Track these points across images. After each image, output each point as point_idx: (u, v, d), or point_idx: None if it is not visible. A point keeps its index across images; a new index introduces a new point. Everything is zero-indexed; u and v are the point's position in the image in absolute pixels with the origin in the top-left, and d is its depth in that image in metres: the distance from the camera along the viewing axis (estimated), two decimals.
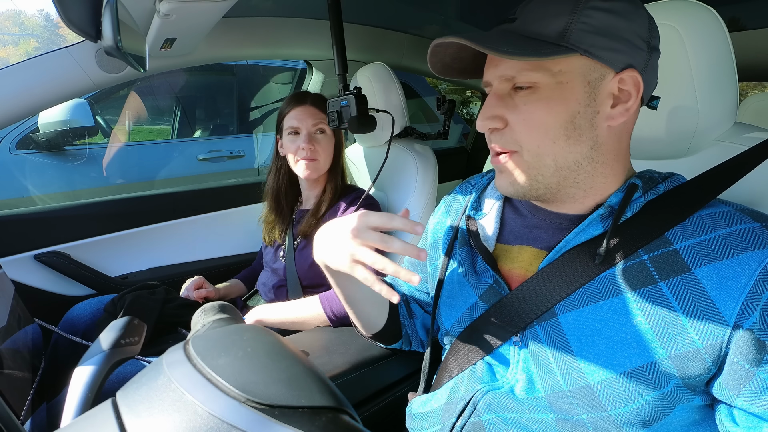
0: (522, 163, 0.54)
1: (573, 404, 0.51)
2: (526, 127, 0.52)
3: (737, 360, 0.45)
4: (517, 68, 0.51)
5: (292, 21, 1.41)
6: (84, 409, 0.42)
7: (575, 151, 0.52)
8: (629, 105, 0.52)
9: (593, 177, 0.54)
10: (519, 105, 0.52)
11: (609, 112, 0.52)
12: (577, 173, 0.54)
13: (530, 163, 0.54)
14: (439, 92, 4.03)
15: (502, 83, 0.54)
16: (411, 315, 0.81)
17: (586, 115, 0.51)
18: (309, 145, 1.12)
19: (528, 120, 0.52)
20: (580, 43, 0.49)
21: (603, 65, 0.50)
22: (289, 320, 1.01)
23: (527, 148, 0.53)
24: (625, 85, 0.51)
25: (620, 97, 0.52)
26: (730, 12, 1.33)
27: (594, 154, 0.53)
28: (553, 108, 0.51)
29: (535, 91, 0.51)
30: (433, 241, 0.75)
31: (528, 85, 0.52)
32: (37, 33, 48.35)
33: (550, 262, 0.56)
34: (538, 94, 0.51)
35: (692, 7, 0.61)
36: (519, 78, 0.52)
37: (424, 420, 0.66)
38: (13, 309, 0.79)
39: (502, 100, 0.54)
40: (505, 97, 0.54)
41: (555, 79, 0.50)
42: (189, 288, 1.22)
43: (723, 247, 0.47)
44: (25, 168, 2.24)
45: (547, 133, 0.52)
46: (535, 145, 0.53)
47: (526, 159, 0.54)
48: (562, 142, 0.52)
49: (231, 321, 0.40)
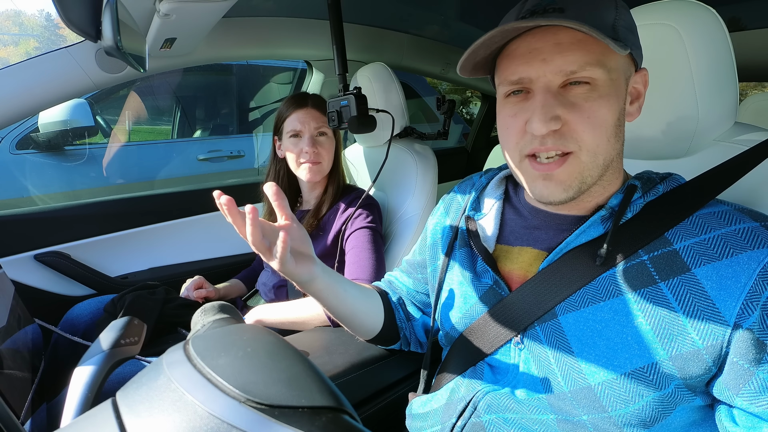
0: (578, 164, 0.51)
1: (574, 405, 0.51)
2: (590, 126, 0.49)
3: (737, 360, 0.45)
4: (580, 62, 0.48)
5: (292, 21, 1.41)
6: (84, 409, 0.42)
7: (617, 148, 0.53)
8: (641, 101, 0.54)
9: (611, 176, 0.55)
10: (580, 102, 0.49)
11: (629, 108, 0.54)
12: (606, 171, 0.53)
13: (586, 163, 0.51)
14: (439, 92, 4.03)
15: (557, 77, 0.49)
16: (409, 318, 0.81)
17: (623, 113, 0.53)
18: (313, 148, 1.12)
19: (592, 118, 0.49)
20: (626, 39, 0.49)
21: (632, 63, 0.52)
22: (289, 320, 1.01)
23: (586, 147, 0.50)
24: (637, 83, 0.53)
25: (634, 93, 0.54)
26: (730, 12, 1.33)
27: (621, 151, 0.54)
28: (612, 105, 0.50)
29: (594, 88, 0.49)
30: (432, 241, 0.75)
31: (587, 81, 0.49)
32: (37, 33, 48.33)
33: (550, 263, 0.56)
34: (597, 91, 0.49)
35: (692, 7, 0.61)
36: (581, 73, 0.48)
37: (424, 420, 0.66)
38: (13, 309, 0.79)
39: (557, 97, 0.50)
40: (558, 95, 0.50)
41: (609, 76, 0.49)
42: (189, 288, 1.22)
43: (722, 247, 0.47)
44: (25, 168, 2.24)
45: (606, 131, 0.50)
46: (595, 144, 0.50)
47: (583, 159, 0.50)
48: (613, 141, 0.51)
49: (231, 321, 0.40)
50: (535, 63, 0.49)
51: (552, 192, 0.52)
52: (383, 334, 0.78)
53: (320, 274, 0.65)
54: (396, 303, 0.81)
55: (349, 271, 1.06)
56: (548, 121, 0.49)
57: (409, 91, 3.09)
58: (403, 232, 1.21)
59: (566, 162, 0.51)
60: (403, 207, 1.23)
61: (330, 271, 0.69)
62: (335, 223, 1.13)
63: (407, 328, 0.81)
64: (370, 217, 1.11)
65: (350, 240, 1.09)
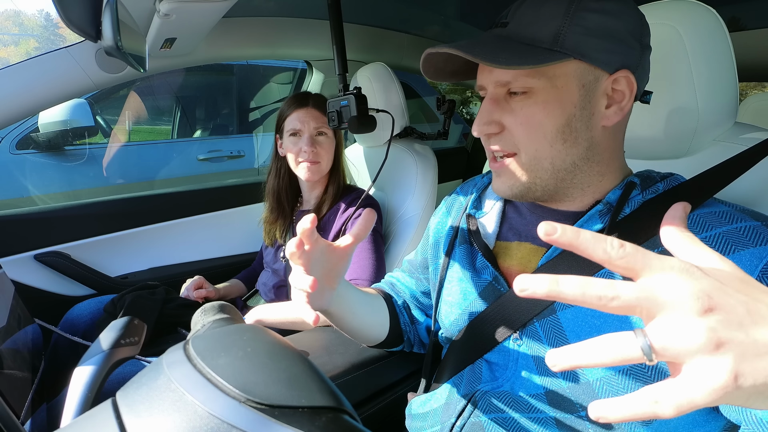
0: (520, 165, 0.55)
1: (572, 402, 0.51)
2: (524, 130, 0.53)
3: None
4: (512, 74, 0.51)
5: (292, 21, 1.41)
6: (84, 409, 0.42)
7: (572, 153, 0.53)
8: (623, 104, 0.52)
9: (590, 176, 0.55)
10: (516, 109, 0.53)
11: (604, 112, 0.52)
12: (574, 174, 0.54)
13: (528, 165, 0.54)
14: (439, 92, 4.03)
15: (498, 88, 0.54)
16: (413, 321, 0.81)
17: (582, 118, 0.52)
18: (311, 147, 1.12)
19: (525, 123, 0.52)
20: (575, 46, 0.49)
21: (597, 68, 0.50)
22: (290, 320, 1.01)
23: (525, 150, 0.53)
24: (618, 85, 0.52)
25: (614, 97, 0.52)
26: (730, 12, 1.33)
27: (590, 155, 0.54)
28: (551, 111, 0.51)
29: (531, 95, 0.52)
30: (434, 241, 0.75)
31: (524, 90, 0.52)
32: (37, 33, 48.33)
33: (549, 259, 0.56)
34: (534, 97, 0.51)
35: (692, 7, 0.61)
36: (515, 84, 0.52)
37: (423, 420, 0.66)
38: (13, 309, 0.79)
39: (498, 104, 0.54)
40: (501, 102, 0.54)
41: (551, 83, 0.50)
42: (189, 288, 1.22)
43: (723, 244, 0.47)
44: (25, 168, 2.24)
45: (545, 136, 0.52)
46: (533, 149, 0.53)
47: (524, 161, 0.54)
48: (560, 145, 0.52)
49: (231, 321, 0.40)
50: (484, 73, 0.55)
51: (499, 187, 0.58)
52: (388, 340, 0.77)
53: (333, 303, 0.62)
54: (401, 307, 0.80)
55: (350, 271, 1.06)
56: (482, 125, 0.55)
57: (409, 91, 3.08)
58: (403, 232, 1.21)
59: (509, 162, 0.55)
60: (403, 207, 1.23)
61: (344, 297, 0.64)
62: (335, 223, 1.13)
63: (411, 332, 0.80)
64: None
65: None
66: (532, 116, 0.52)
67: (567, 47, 0.49)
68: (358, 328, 0.71)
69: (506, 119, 0.53)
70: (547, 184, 0.55)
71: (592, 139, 0.53)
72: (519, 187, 0.56)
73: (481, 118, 0.55)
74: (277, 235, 1.23)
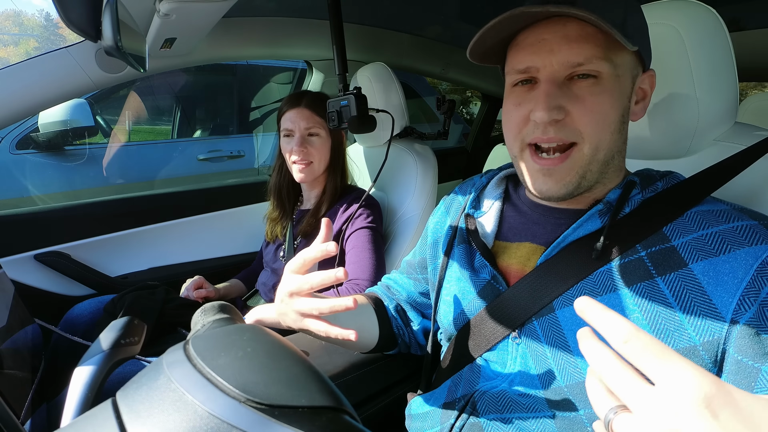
0: (579, 158, 0.52)
1: (570, 400, 0.52)
2: (593, 120, 0.50)
3: (740, 357, 0.44)
4: (586, 55, 0.48)
5: (292, 21, 1.41)
6: (84, 409, 0.42)
7: (618, 145, 0.53)
8: (646, 102, 0.55)
9: (611, 171, 0.55)
10: (584, 95, 0.50)
11: (634, 108, 0.54)
12: (607, 167, 0.54)
13: (587, 157, 0.51)
14: (439, 92, 4.03)
15: (562, 69, 0.50)
16: (407, 323, 0.80)
17: (628, 111, 0.53)
18: (301, 147, 1.13)
19: (594, 111, 0.50)
20: (635, 38, 0.49)
21: (640, 63, 0.52)
22: None
23: (588, 139, 0.51)
24: (644, 83, 0.54)
25: (641, 94, 0.55)
26: (730, 12, 1.33)
27: (623, 148, 0.55)
28: (616, 101, 0.51)
29: (599, 82, 0.50)
30: (432, 241, 0.75)
31: (593, 74, 0.49)
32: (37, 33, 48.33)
33: (548, 258, 0.56)
34: (601, 85, 0.50)
35: (692, 7, 0.61)
36: (588, 66, 0.49)
37: (423, 420, 0.66)
38: (13, 309, 0.79)
39: (561, 88, 0.50)
40: (563, 86, 0.50)
41: (615, 72, 0.50)
42: (189, 288, 1.22)
43: (720, 243, 0.47)
44: (25, 168, 2.24)
45: (609, 125, 0.51)
46: (597, 138, 0.51)
47: (585, 152, 0.51)
48: (616, 136, 0.52)
49: (231, 321, 0.40)
50: (542, 53, 0.50)
51: (551, 187, 0.54)
52: (381, 344, 0.77)
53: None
54: (393, 312, 0.80)
55: (349, 271, 1.06)
56: (551, 109, 0.49)
57: (409, 91, 3.08)
58: (403, 232, 1.21)
59: (569, 157, 0.52)
60: (403, 207, 1.23)
61: None
62: (335, 223, 1.13)
63: (406, 335, 0.80)
64: (370, 218, 1.11)
65: (350, 240, 1.09)
66: (601, 105, 0.50)
67: (631, 36, 0.48)
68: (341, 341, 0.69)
69: (572, 105, 0.50)
70: (591, 179, 0.53)
71: (627, 133, 0.54)
72: (573, 185, 0.53)
73: (548, 101, 0.49)
74: (278, 232, 1.24)
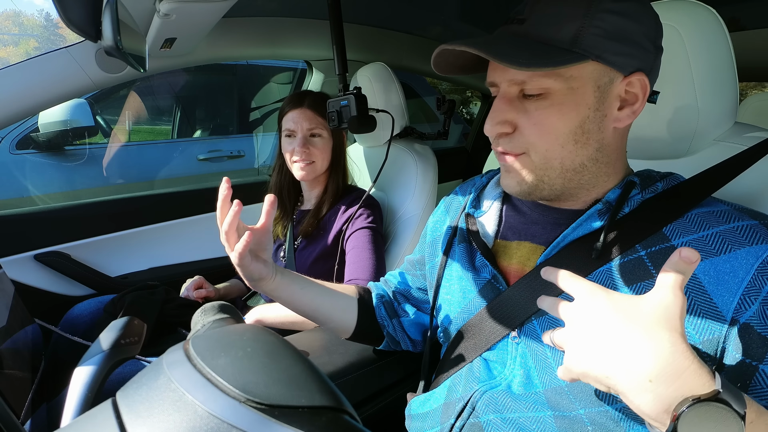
0: (529, 164, 0.54)
1: (570, 399, 0.51)
2: (537, 132, 0.52)
3: (738, 356, 0.45)
4: (528, 74, 0.50)
5: (292, 21, 1.41)
6: (84, 409, 0.42)
7: (582, 154, 0.53)
8: (636, 107, 0.52)
9: (597, 177, 0.55)
10: (530, 110, 0.52)
11: (616, 114, 0.52)
12: (582, 174, 0.54)
13: (538, 164, 0.54)
14: (439, 92, 4.03)
15: (511, 87, 0.52)
16: (393, 315, 0.80)
17: (594, 119, 0.51)
18: (303, 148, 1.13)
19: (539, 125, 0.51)
20: (593, 48, 0.48)
21: (613, 70, 0.50)
22: (289, 320, 1.01)
23: (536, 150, 0.53)
24: (632, 87, 0.51)
25: (627, 99, 0.52)
26: (730, 12, 1.33)
27: (599, 156, 0.53)
28: (565, 114, 0.50)
29: (546, 97, 0.51)
30: (431, 239, 0.75)
31: (539, 92, 0.51)
32: (37, 33, 48.34)
33: (547, 257, 0.56)
34: (550, 99, 0.50)
35: (692, 7, 0.61)
36: (530, 84, 0.50)
37: (423, 421, 0.66)
38: (13, 309, 0.79)
39: (511, 103, 0.53)
40: (514, 101, 0.53)
41: (567, 85, 0.50)
42: (189, 288, 1.22)
43: (720, 243, 0.47)
44: (25, 168, 2.24)
45: (558, 138, 0.51)
46: (544, 149, 0.52)
47: (534, 161, 0.53)
48: (571, 146, 0.52)
49: (231, 321, 0.40)
50: (497, 70, 0.54)
51: (509, 183, 0.57)
52: (361, 330, 0.78)
53: (270, 276, 0.68)
54: (378, 300, 0.80)
55: (350, 271, 1.06)
56: (495, 124, 0.54)
57: (409, 91, 3.08)
58: (403, 232, 1.21)
59: (517, 160, 0.55)
60: (403, 207, 1.23)
61: (289, 274, 0.72)
62: (336, 223, 1.14)
63: (390, 326, 0.80)
64: (370, 218, 1.11)
65: (351, 240, 1.09)
66: (547, 118, 0.51)
67: (585, 48, 0.48)
68: (311, 310, 0.75)
69: (519, 120, 0.53)
70: (554, 183, 0.54)
71: (602, 140, 0.53)
72: (527, 185, 0.55)
73: (494, 117, 0.54)
74: (279, 231, 1.24)
